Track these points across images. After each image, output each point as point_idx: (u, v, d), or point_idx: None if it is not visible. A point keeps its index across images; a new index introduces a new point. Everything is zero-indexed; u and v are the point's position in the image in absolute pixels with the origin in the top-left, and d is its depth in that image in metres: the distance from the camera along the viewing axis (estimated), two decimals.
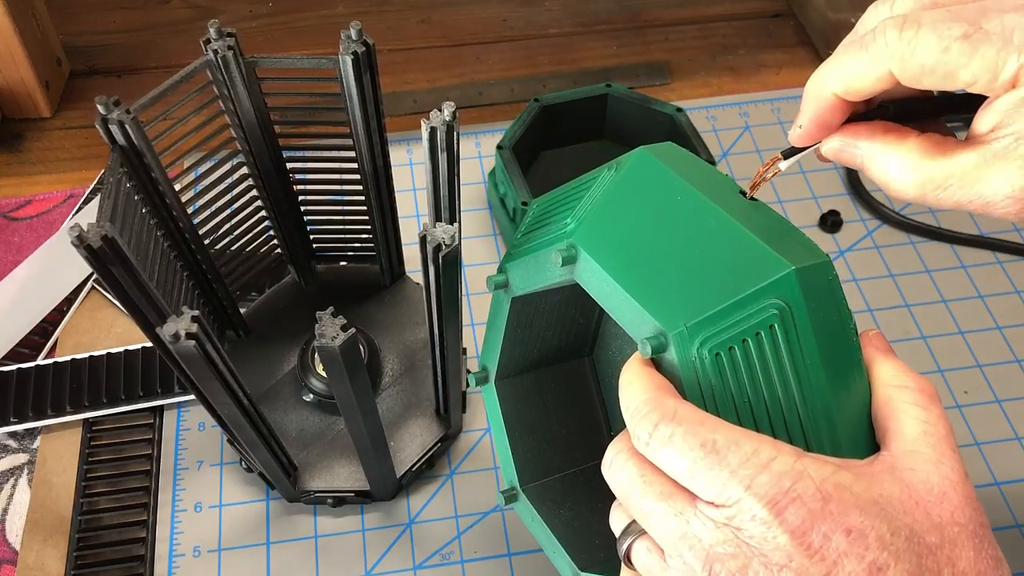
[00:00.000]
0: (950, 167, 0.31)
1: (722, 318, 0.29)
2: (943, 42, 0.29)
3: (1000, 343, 0.60)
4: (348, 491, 0.52)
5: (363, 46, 0.43)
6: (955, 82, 0.30)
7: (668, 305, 0.30)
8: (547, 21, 0.82)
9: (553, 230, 0.36)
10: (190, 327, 0.34)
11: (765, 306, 0.29)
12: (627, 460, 0.30)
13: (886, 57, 0.31)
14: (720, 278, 0.30)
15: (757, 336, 0.29)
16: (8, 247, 0.65)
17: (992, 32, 0.29)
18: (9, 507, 0.54)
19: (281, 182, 0.51)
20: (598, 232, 0.33)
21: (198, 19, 0.82)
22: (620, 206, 0.34)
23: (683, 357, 0.29)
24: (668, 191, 0.33)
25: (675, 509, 0.29)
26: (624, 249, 0.32)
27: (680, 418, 0.29)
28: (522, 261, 0.38)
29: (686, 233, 0.32)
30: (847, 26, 0.75)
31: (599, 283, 0.32)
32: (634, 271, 0.31)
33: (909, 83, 0.31)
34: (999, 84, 0.29)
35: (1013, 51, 0.29)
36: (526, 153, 0.65)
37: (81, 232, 0.35)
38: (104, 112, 0.41)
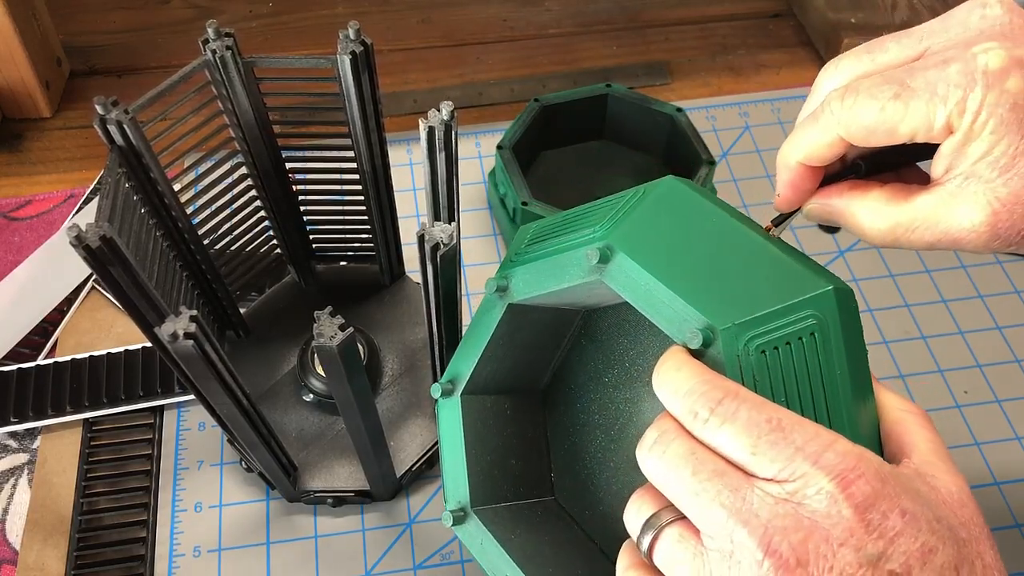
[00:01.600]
0: (913, 211, 0.34)
1: (768, 320, 0.31)
2: (879, 103, 0.33)
3: (1000, 343, 0.60)
4: (348, 491, 0.52)
5: (361, 46, 0.43)
6: (898, 136, 0.34)
7: (714, 304, 0.32)
8: (547, 21, 0.82)
9: (575, 238, 0.36)
10: (188, 327, 0.34)
11: (805, 316, 0.31)
12: (675, 439, 0.30)
13: (833, 125, 0.35)
14: (761, 287, 0.32)
15: (799, 340, 0.31)
16: (8, 247, 0.65)
17: (918, 88, 0.33)
18: (9, 507, 0.54)
19: (280, 182, 0.51)
20: (632, 238, 0.34)
21: (198, 19, 0.82)
22: (652, 220, 0.35)
23: (729, 352, 0.31)
24: (700, 212, 0.35)
25: (730, 485, 0.29)
26: (662, 253, 0.34)
27: (743, 396, 0.29)
28: (532, 265, 0.38)
29: (721, 247, 0.34)
30: (847, 26, 0.76)
31: (635, 282, 0.33)
32: (674, 272, 0.33)
33: (860, 143, 0.35)
34: (937, 132, 0.33)
35: (939, 102, 0.32)
36: (526, 153, 0.65)
37: (80, 232, 0.35)
38: (103, 112, 0.41)
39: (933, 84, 0.33)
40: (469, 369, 0.41)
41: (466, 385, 0.42)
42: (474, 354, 0.41)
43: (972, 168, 0.33)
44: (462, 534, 0.41)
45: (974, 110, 0.32)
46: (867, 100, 0.34)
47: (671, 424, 0.31)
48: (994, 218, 0.33)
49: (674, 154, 0.66)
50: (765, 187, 0.68)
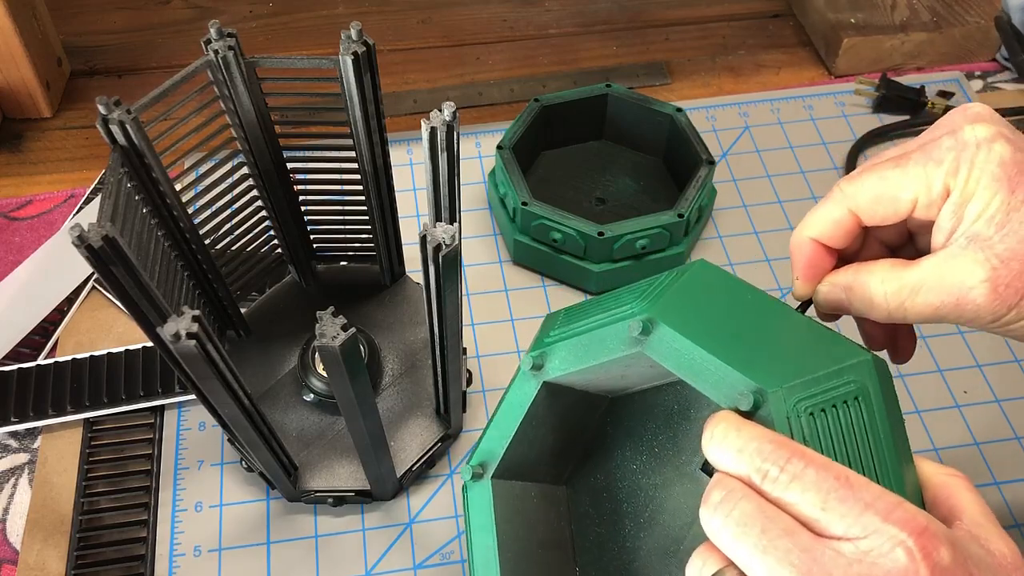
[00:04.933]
0: (919, 273, 0.36)
1: (813, 385, 0.32)
2: (880, 173, 0.37)
3: (1000, 343, 0.60)
4: (348, 491, 0.52)
5: (363, 46, 0.44)
6: (902, 203, 0.36)
7: (761, 369, 0.32)
8: (547, 21, 0.82)
9: (613, 314, 0.37)
10: (191, 327, 0.34)
11: (848, 381, 0.32)
12: (743, 497, 0.30)
13: (841, 199, 0.38)
14: (803, 354, 0.33)
15: (844, 404, 0.32)
16: (8, 247, 0.65)
17: (914, 158, 0.36)
18: (10, 507, 0.54)
19: (281, 182, 0.51)
20: (673, 310, 0.35)
21: (198, 19, 0.82)
22: (689, 296, 0.36)
23: (779, 414, 0.31)
24: (734, 289, 0.36)
25: (801, 545, 0.28)
26: (703, 325, 0.34)
27: (811, 456, 0.30)
28: (570, 342, 0.38)
29: (759, 319, 0.35)
30: (847, 26, 0.76)
31: (678, 352, 0.34)
32: (718, 341, 0.34)
33: (868, 216, 0.38)
34: (936, 195, 0.35)
35: (934, 165, 0.35)
36: (526, 153, 0.65)
37: (82, 232, 0.35)
38: (105, 112, 0.41)
39: (928, 152, 0.36)
40: (502, 449, 0.41)
41: (497, 468, 0.41)
42: (507, 434, 0.40)
43: (971, 228, 0.35)
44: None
45: (967, 168, 0.35)
46: (870, 174, 0.37)
47: (736, 483, 0.30)
48: (993, 274, 0.34)
49: (674, 154, 0.66)
50: (765, 187, 0.68)
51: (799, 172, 0.69)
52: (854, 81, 0.75)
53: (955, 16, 0.76)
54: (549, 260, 0.62)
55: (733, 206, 0.67)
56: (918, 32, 0.75)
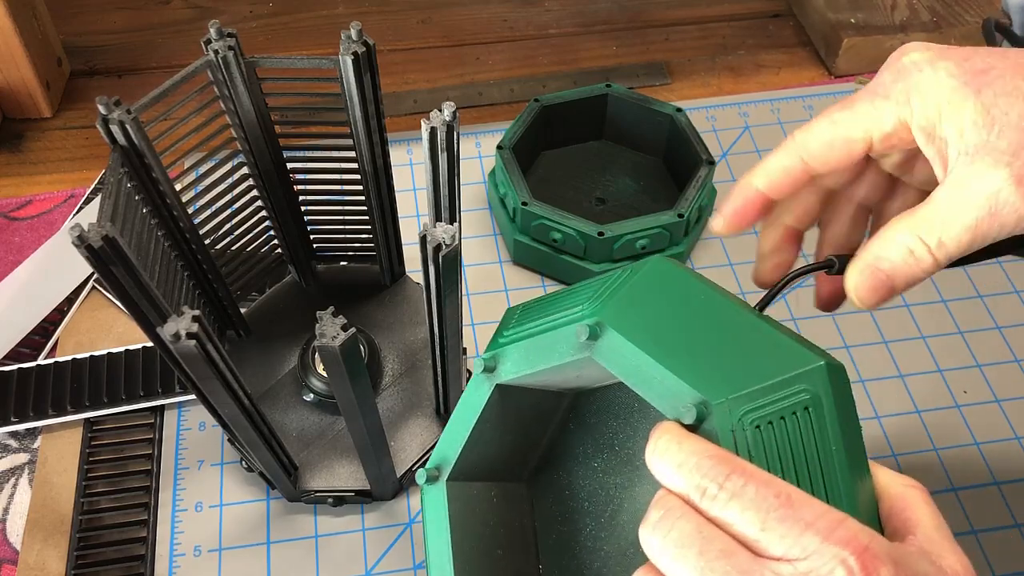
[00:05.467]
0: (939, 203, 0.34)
1: (761, 395, 0.31)
2: (829, 117, 0.36)
3: (1000, 343, 0.60)
4: (348, 490, 0.52)
5: (363, 46, 0.44)
6: (856, 144, 0.36)
7: (706, 379, 0.31)
8: (547, 21, 0.82)
9: (563, 316, 0.36)
10: (191, 327, 0.34)
11: (798, 391, 0.31)
12: (681, 516, 0.29)
13: (792, 149, 0.37)
14: (752, 362, 0.32)
15: (793, 415, 0.31)
16: (8, 247, 0.65)
17: (859, 96, 0.36)
18: (10, 507, 0.54)
19: (281, 182, 0.51)
20: (622, 314, 0.34)
21: (198, 19, 0.82)
22: (641, 297, 0.35)
23: (724, 426, 0.30)
24: (688, 290, 0.35)
25: (739, 567, 0.27)
26: (651, 330, 0.33)
27: (751, 472, 0.29)
28: (520, 344, 0.37)
29: (711, 323, 0.33)
30: (847, 26, 0.76)
31: (625, 359, 0.33)
32: (665, 348, 0.32)
33: (822, 164, 0.37)
34: (890, 128, 0.35)
35: (881, 99, 0.35)
36: (526, 153, 0.65)
37: (82, 232, 0.35)
38: (105, 112, 0.41)
39: (873, 90, 0.35)
40: (456, 453, 0.40)
41: (452, 470, 0.40)
42: (461, 437, 0.40)
43: (963, 143, 0.33)
44: None
45: (919, 93, 0.33)
46: (820, 120, 0.37)
47: (675, 501, 0.29)
48: (1011, 169, 0.32)
49: (674, 154, 0.66)
50: None
51: None
52: (854, 81, 0.75)
53: (955, 16, 0.76)
54: (549, 260, 0.62)
55: None
56: (918, 32, 0.75)
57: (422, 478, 0.40)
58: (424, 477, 0.40)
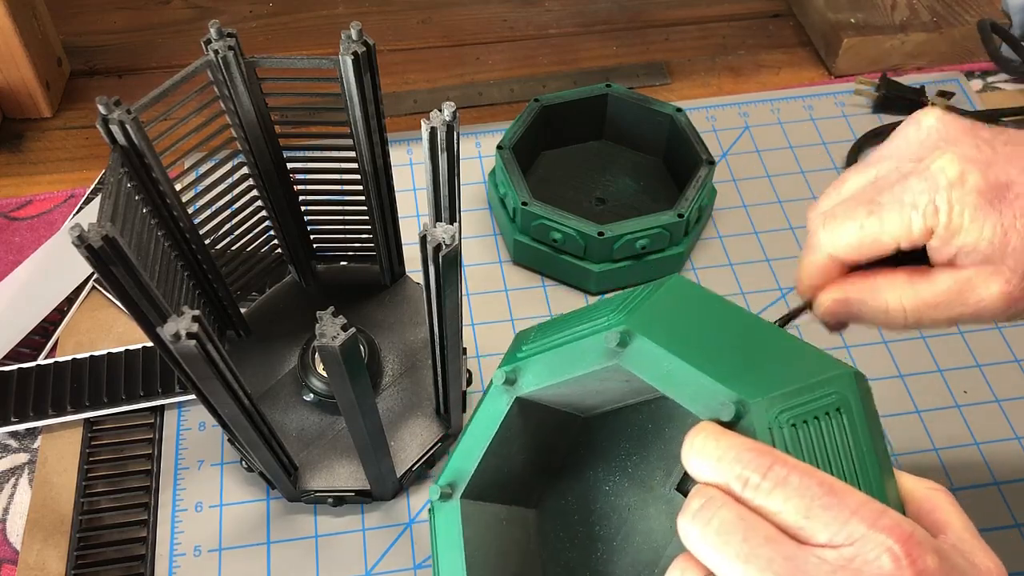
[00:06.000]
0: (937, 289, 0.37)
1: (795, 395, 0.31)
2: (856, 222, 0.38)
3: (1000, 343, 0.60)
4: (348, 490, 0.52)
5: (363, 46, 0.44)
6: (885, 246, 0.37)
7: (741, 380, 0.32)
8: (547, 21, 0.82)
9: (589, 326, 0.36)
10: (191, 327, 0.34)
11: (829, 393, 0.32)
12: (723, 505, 0.29)
13: (820, 249, 0.39)
14: (783, 367, 0.33)
15: (826, 415, 0.31)
16: (8, 247, 0.65)
17: (886, 203, 0.37)
18: (10, 507, 0.54)
19: (281, 182, 0.51)
20: (650, 322, 0.35)
21: (198, 19, 0.82)
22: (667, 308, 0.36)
23: (761, 424, 0.31)
24: (711, 303, 0.36)
25: (784, 553, 0.28)
26: (681, 337, 0.34)
27: (793, 463, 0.29)
28: (544, 355, 0.38)
29: (737, 332, 0.35)
30: (847, 26, 0.76)
31: (656, 364, 0.34)
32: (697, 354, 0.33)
33: (850, 260, 0.39)
34: (918, 234, 0.36)
35: (909, 209, 0.36)
36: (526, 153, 0.65)
37: (82, 232, 0.35)
38: (105, 112, 0.41)
39: (899, 196, 0.37)
40: (472, 467, 0.40)
41: (466, 487, 0.40)
42: (477, 451, 0.40)
43: (975, 252, 0.36)
44: None
45: (947, 209, 0.36)
46: (845, 222, 0.38)
47: (716, 492, 0.30)
48: (1007, 287, 0.36)
49: (674, 154, 0.66)
50: (765, 187, 0.68)
51: (799, 172, 0.69)
52: (854, 81, 0.75)
53: (955, 16, 0.76)
54: (549, 260, 0.62)
55: (733, 206, 0.67)
56: (918, 32, 0.75)
57: (435, 494, 0.40)
58: (437, 494, 0.40)
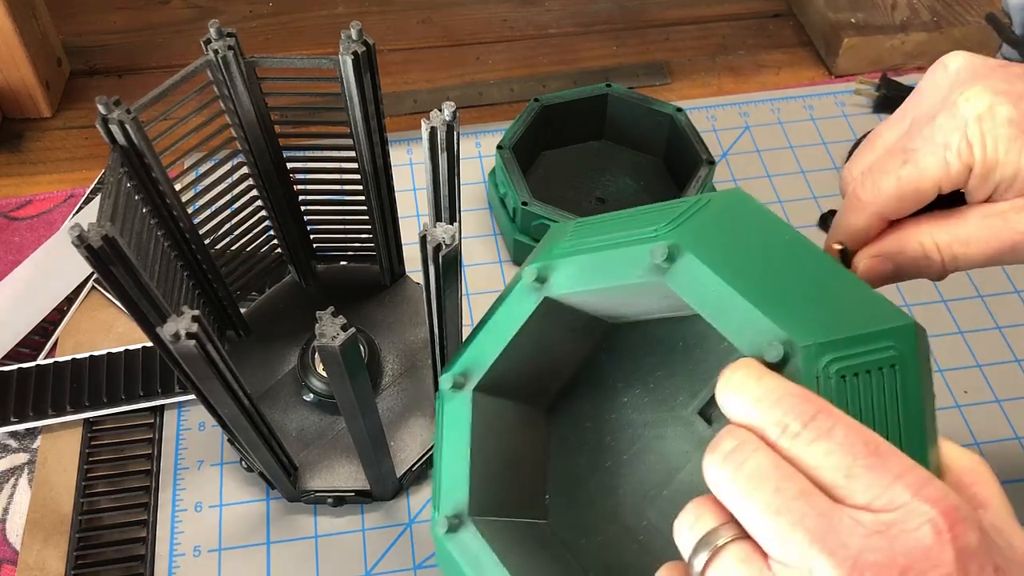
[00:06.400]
0: (969, 226, 0.37)
1: (849, 345, 0.29)
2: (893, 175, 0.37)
3: (1000, 343, 0.60)
4: (348, 491, 0.52)
5: (363, 46, 0.43)
6: (926, 193, 0.37)
7: (794, 319, 0.29)
8: (547, 21, 0.82)
9: (633, 234, 0.34)
10: (190, 327, 0.34)
11: (886, 347, 0.29)
12: (757, 450, 0.27)
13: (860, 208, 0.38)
14: (842, 310, 0.30)
15: (880, 371, 0.29)
16: (8, 247, 0.65)
17: (919, 148, 0.36)
18: (9, 507, 0.54)
19: (281, 182, 0.51)
20: (702, 240, 0.32)
21: (198, 19, 0.82)
22: (722, 226, 0.33)
23: (809, 371, 0.28)
24: (769, 226, 0.33)
25: (817, 508, 0.26)
26: (734, 260, 0.31)
27: (838, 415, 0.27)
28: (581, 258, 0.35)
29: (796, 263, 0.32)
30: (847, 26, 0.76)
31: (704, 287, 0.31)
32: (749, 282, 0.30)
33: (897, 214, 0.38)
34: (956, 173, 0.36)
35: (942, 149, 0.36)
36: (526, 153, 0.65)
37: (82, 232, 0.35)
38: (105, 112, 0.41)
39: (931, 138, 0.36)
40: (489, 361, 0.37)
41: (481, 380, 0.38)
42: (497, 346, 0.37)
43: (1012, 185, 0.36)
44: (454, 545, 0.37)
45: (979, 143, 0.35)
46: (881, 176, 0.37)
47: (750, 435, 0.28)
48: None
49: (674, 154, 0.66)
50: (765, 187, 0.68)
51: (799, 172, 0.69)
52: (854, 81, 0.75)
53: (955, 16, 0.76)
54: None
55: None
56: (918, 32, 0.75)
57: (447, 383, 0.38)
58: (450, 383, 0.38)
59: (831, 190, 0.68)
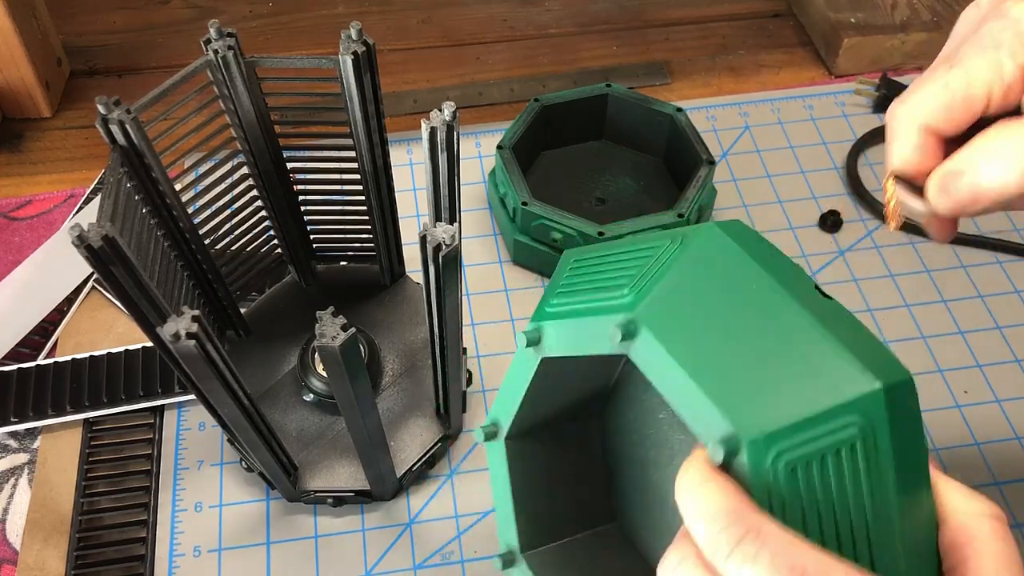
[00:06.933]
0: None
1: (802, 429, 0.27)
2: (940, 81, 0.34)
3: (1000, 343, 0.60)
4: (348, 491, 0.52)
5: (363, 46, 0.43)
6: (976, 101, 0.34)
7: (742, 406, 0.28)
8: (547, 21, 0.82)
9: (605, 297, 0.33)
10: (190, 327, 0.34)
11: (847, 423, 0.27)
12: (694, 568, 0.28)
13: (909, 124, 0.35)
14: (800, 384, 0.28)
15: (837, 453, 0.27)
16: (8, 247, 0.65)
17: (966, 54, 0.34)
18: (9, 507, 0.54)
19: (281, 182, 0.51)
20: (662, 310, 0.31)
21: (198, 19, 0.82)
22: (686, 285, 0.32)
23: (756, 466, 0.27)
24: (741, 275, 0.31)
25: None
26: (691, 333, 0.30)
27: (766, 536, 0.26)
28: (564, 324, 0.35)
29: (761, 325, 0.30)
30: (847, 26, 0.76)
31: (661, 368, 0.30)
32: (703, 361, 0.29)
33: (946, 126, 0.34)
34: (1009, 78, 0.33)
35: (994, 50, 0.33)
36: (526, 153, 0.65)
37: (82, 232, 0.35)
38: (104, 112, 0.41)
39: (978, 43, 0.33)
40: (511, 415, 0.39)
41: (510, 430, 0.40)
42: (515, 402, 0.39)
43: None
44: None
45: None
46: (928, 84, 0.34)
47: (691, 550, 0.28)
48: None
49: (674, 154, 0.66)
50: (765, 187, 0.68)
51: (799, 172, 0.69)
52: (854, 81, 0.75)
53: (955, 16, 0.76)
54: (549, 260, 0.62)
55: (733, 206, 0.67)
56: (918, 32, 0.75)
57: (480, 436, 0.41)
58: (483, 436, 0.40)
59: (831, 190, 0.68)
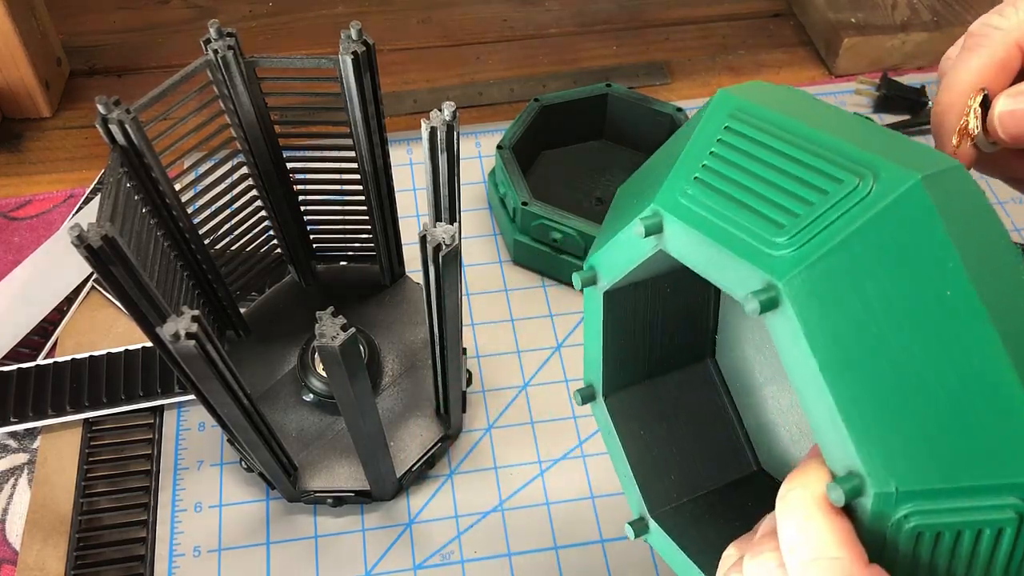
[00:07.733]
0: None
1: (944, 497, 0.23)
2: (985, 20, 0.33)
3: None
4: (348, 491, 0.52)
5: (363, 46, 0.43)
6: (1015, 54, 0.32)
7: (882, 446, 0.23)
8: (547, 21, 0.82)
9: (756, 227, 0.27)
10: (190, 327, 0.34)
11: (1003, 504, 0.23)
12: None
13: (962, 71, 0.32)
14: (963, 440, 0.23)
15: (978, 534, 0.23)
16: (8, 247, 0.65)
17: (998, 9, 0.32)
18: (9, 507, 0.54)
19: (281, 182, 0.51)
20: (820, 289, 0.24)
21: (198, 19, 0.82)
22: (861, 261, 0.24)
23: (877, 518, 0.23)
24: (934, 264, 0.23)
25: None
26: (846, 332, 0.24)
27: None
28: (606, 248, 0.32)
29: (942, 350, 0.23)
30: (847, 26, 0.76)
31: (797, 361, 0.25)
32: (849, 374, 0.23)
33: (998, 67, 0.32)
34: None
35: None
36: (526, 153, 0.65)
37: (81, 232, 0.35)
38: (104, 112, 0.41)
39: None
40: (599, 370, 0.37)
41: (604, 385, 0.38)
42: (597, 354, 0.37)
43: None
44: (650, 541, 0.38)
45: None
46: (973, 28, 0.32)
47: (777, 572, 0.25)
48: None
49: None
50: None
51: None
52: (854, 81, 0.75)
53: (955, 16, 0.76)
54: (549, 260, 0.62)
55: None
56: (918, 32, 0.75)
57: (578, 399, 0.38)
58: (580, 399, 0.38)
59: None
